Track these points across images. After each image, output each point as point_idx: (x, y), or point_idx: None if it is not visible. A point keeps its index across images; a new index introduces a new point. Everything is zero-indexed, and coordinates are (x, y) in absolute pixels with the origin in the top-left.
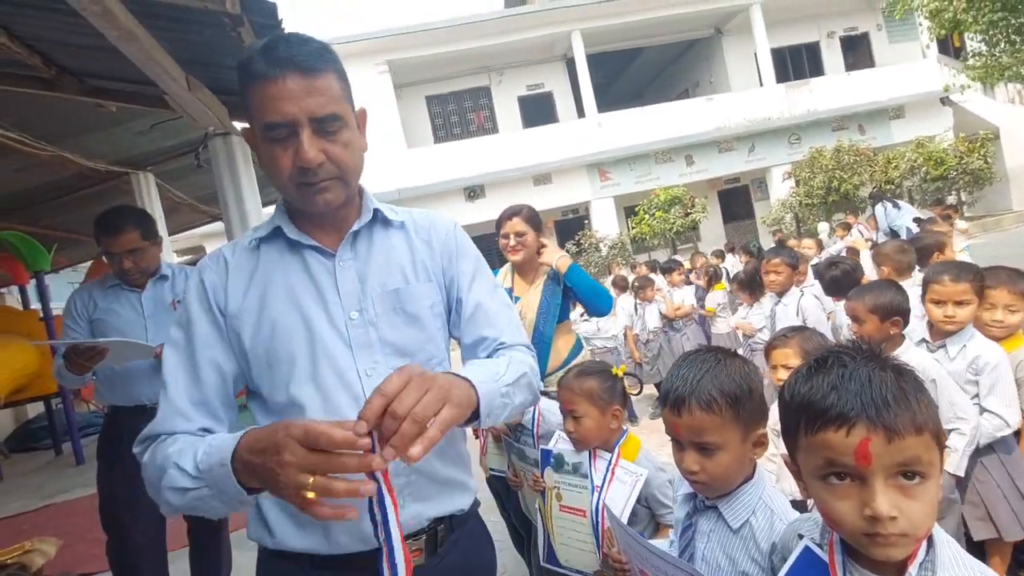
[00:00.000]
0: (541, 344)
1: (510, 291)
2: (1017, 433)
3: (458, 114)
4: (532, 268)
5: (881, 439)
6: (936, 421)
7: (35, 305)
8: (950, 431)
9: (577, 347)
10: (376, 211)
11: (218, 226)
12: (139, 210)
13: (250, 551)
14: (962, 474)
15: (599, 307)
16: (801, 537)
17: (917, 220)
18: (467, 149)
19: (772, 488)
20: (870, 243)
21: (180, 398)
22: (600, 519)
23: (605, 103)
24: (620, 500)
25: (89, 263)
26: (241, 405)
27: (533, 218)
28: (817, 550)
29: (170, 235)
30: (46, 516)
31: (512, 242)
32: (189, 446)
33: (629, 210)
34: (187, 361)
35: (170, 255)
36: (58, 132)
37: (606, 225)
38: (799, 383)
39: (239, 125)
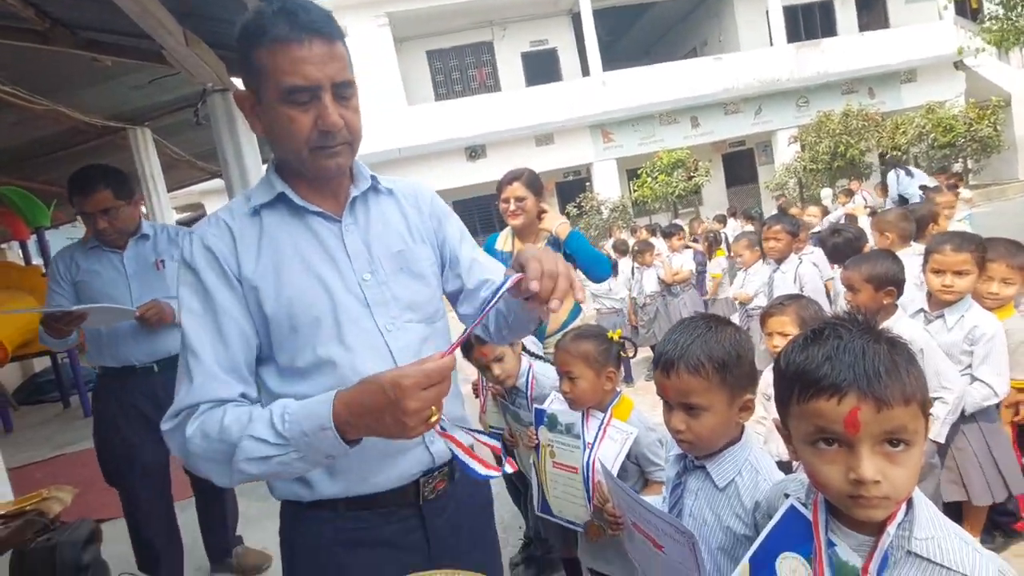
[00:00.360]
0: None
1: (510, 255)
2: (998, 405)
3: (460, 70)
4: (532, 232)
5: (870, 408)
6: (924, 392)
7: (36, 261)
8: (934, 400)
9: (575, 311)
10: (372, 177)
11: (217, 183)
12: (111, 168)
13: (257, 500)
14: (943, 441)
15: (598, 274)
16: (787, 496)
17: (923, 188)
18: (469, 107)
19: (759, 450)
20: (869, 211)
21: (213, 366)
22: (591, 474)
23: (610, 61)
24: (610, 456)
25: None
26: None
27: (533, 182)
28: (802, 509)
29: (169, 192)
30: (57, 466)
31: (512, 207)
32: (254, 418)
33: (631, 173)
34: (213, 329)
35: (169, 212)
36: (53, 86)
37: (608, 187)
38: (795, 352)
39: (239, 82)
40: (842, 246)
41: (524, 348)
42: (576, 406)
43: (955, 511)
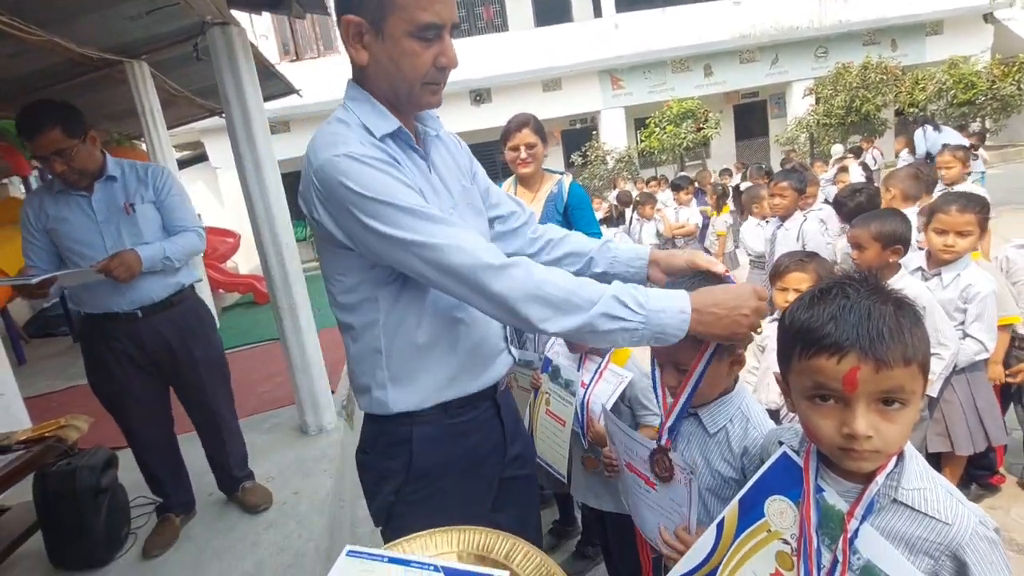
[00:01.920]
0: None
1: None
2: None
3: (466, 6)
4: (537, 180)
5: (870, 369)
6: (926, 353)
7: None
8: (931, 355)
9: None
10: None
11: (216, 122)
12: (61, 104)
13: (266, 434)
14: (935, 395)
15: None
16: (781, 444)
17: (944, 147)
18: (475, 48)
19: (750, 399)
20: (862, 165)
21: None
22: (585, 413)
23: (624, 2)
24: (603, 397)
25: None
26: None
27: (541, 128)
28: (794, 456)
29: (168, 129)
30: (71, 396)
31: (523, 154)
32: (605, 286)
33: (639, 122)
34: (453, 220)
35: (169, 151)
36: (48, 17)
37: (615, 137)
38: (800, 310)
39: (238, 15)
40: (866, 205)
41: None
42: (576, 349)
43: (933, 462)
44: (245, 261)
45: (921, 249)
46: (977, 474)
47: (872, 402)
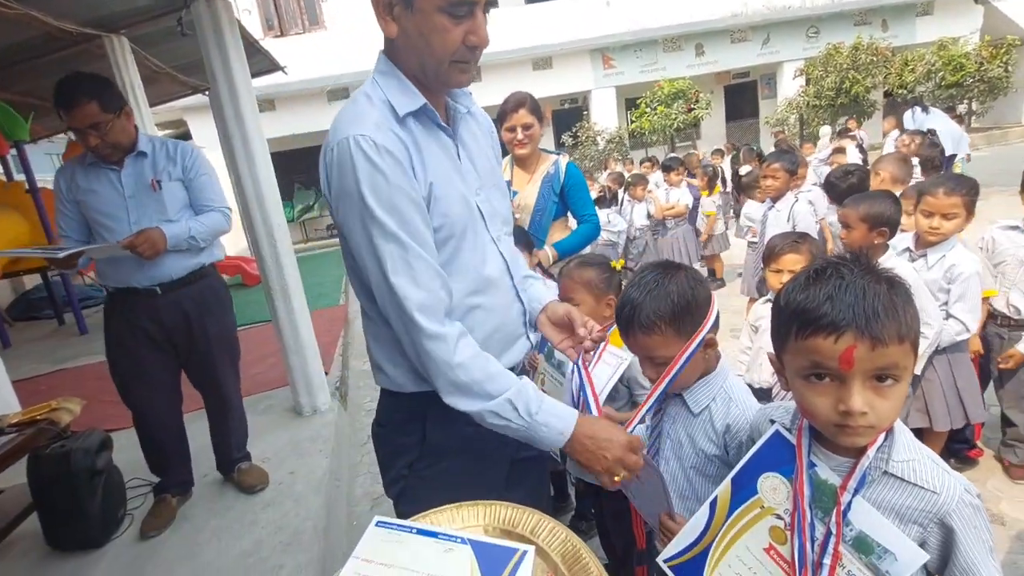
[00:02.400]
0: (539, 237)
1: (509, 183)
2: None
3: None
4: (533, 160)
5: (866, 347)
6: (917, 330)
7: (18, 177)
8: None
9: (587, 236)
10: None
11: (199, 99)
12: (98, 77)
13: (260, 415)
14: (918, 373)
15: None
16: (773, 423)
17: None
18: None
19: (733, 378)
20: (859, 148)
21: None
22: (576, 398)
23: None
24: (603, 379)
25: (65, 135)
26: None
27: (538, 108)
28: (786, 434)
29: (150, 107)
30: (60, 379)
31: (520, 135)
32: (512, 385)
33: (631, 102)
34: (429, 261)
35: (151, 129)
36: None
37: (605, 117)
38: (796, 291)
39: None
40: (857, 187)
41: (540, 265)
42: None
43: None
44: (232, 243)
45: (904, 232)
46: (955, 448)
47: (867, 379)
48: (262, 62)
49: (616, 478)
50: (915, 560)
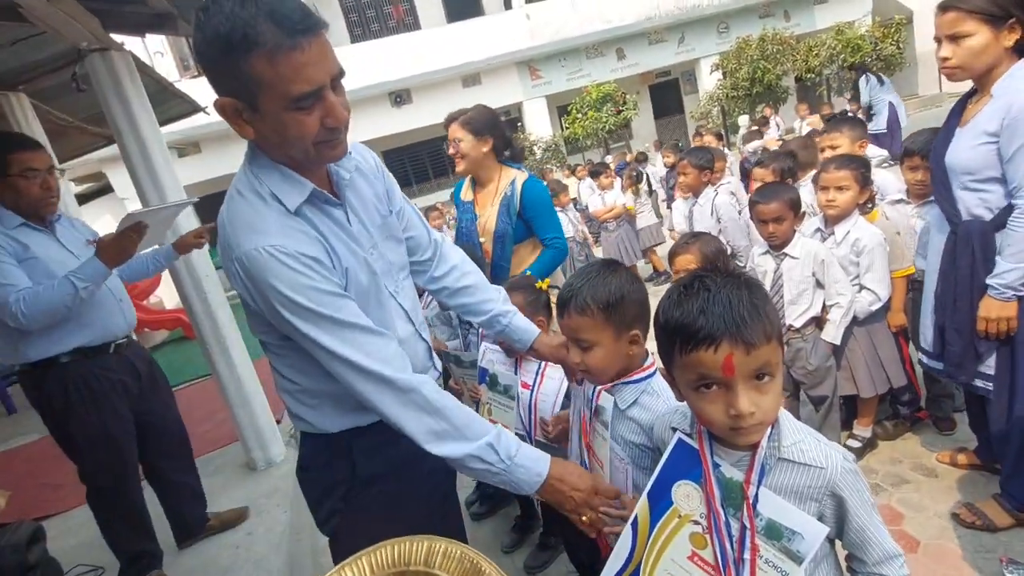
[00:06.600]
0: (502, 265)
1: (471, 204)
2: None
3: (375, 7)
4: (489, 178)
5: (741, 353)
6: (779, 326)
7: None
8: (831, 306)
9: (553, 259)
10: (355, 159)
11: (116, 150)
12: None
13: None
14: (839, 343)
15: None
16: (674, 431)
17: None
18: (388, 49)
19: (659, 378)
20: (780, 140)
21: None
22: (533, 413)
23: None
24: (551, 395)
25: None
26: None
27: (474, 121)
28: (688, 440)
29: (61, 163)
30: None
31: (450, 150)
32: (491, 429)
33: (562, 110)
34: (372, 329)
35: (66, 185)
36: None
37: (539, 126)
38: (671, 308)
39: (119, 38)
40: (794, 169)
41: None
42: (510, 353)
43: (852, 404)
44: (169, 295)
45: (816, 215)
46: (903, 411)
47: (748, 381)
48: (180, 105)
49: (584, 518)
50: (818, 534)
